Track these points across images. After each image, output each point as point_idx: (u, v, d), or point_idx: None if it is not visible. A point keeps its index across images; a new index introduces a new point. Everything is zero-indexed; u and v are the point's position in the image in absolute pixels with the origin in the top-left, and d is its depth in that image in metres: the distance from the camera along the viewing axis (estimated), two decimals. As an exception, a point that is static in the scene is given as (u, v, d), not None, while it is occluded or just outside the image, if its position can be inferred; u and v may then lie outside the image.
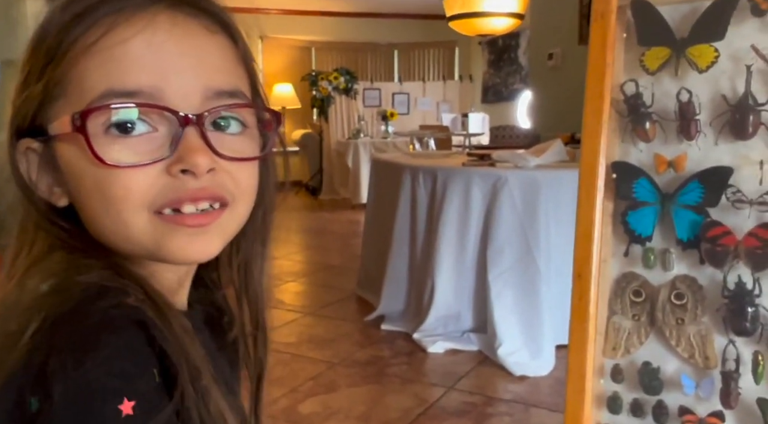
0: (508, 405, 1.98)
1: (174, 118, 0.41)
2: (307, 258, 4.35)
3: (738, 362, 0.73)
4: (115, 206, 0.41)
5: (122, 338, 0.37)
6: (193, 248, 0.43)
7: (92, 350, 0.35)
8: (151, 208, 0.42)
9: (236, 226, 0.47)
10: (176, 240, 0.42)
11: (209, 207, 0.43)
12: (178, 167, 0.41)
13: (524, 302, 2.33)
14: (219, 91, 0.43)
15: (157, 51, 0.41)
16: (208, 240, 0.44)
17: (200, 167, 0.41)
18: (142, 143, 0.41)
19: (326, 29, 7.95)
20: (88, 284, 0.39)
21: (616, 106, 0.81)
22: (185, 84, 0.42)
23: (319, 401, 2.01)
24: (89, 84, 0.41)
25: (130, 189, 0.41)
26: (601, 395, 0.81)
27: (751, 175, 0.74)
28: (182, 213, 0.42)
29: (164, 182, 0.41)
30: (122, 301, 0.38)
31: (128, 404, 0.35)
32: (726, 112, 0.75)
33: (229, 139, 0.44)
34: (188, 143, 0.41)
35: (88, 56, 0.41)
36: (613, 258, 0.81)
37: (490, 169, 2.52)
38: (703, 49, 0.76)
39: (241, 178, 0.45)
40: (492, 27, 4.34)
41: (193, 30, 0.43)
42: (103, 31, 0.41)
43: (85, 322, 0.36)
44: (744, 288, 0.72)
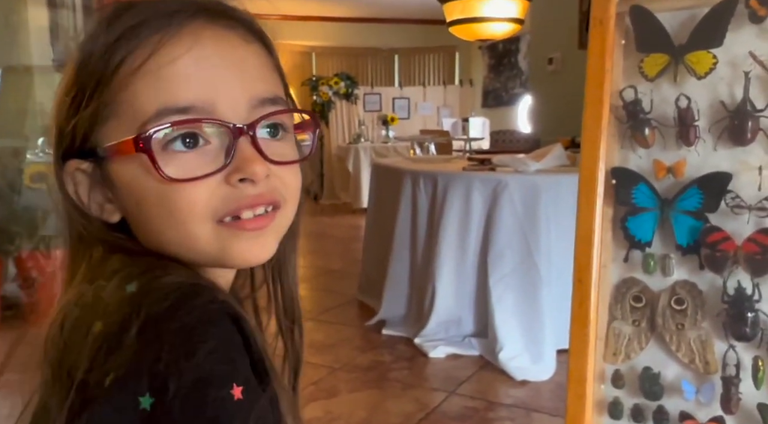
0: (509, 410, 1.97)
1: (227, 129, 0.43)
2: (308, 263, 4.35)
3: (738, 368, 0.73)
4: (180, 219, 0.43)
5: (224, 330, 0.39)
6: (254, 251, 0.45)
7: (200, 342, 0.37)
8: (214, 218, 0.43)
9: (287, 225, 0.49)
10: (238, 245, 0.44)
11: (264, 211, 0.45)
12: (237, 176, 0.43)
13: (525, 306, 2.33)
14: (262, 99, 0.45)
15: (205, 66, 0.43)
16: (266, 242, 0.46)
17: (258, 175, 0.43)
18: (199, 157, 0.43)
19: (326, 34, 7.97)
20: (180, 283, 0.40)
21: (615, 112, 0.82)
22: (233, 95, 0.44)
23: (320, 406, 2.00)
24: (141, 104, 0.42)
25: (194, 202, 0.42)
26: (602, 401, 0.81)
27: (750, 180, 0.74)
28: (241, 219, 0.44)
29: (224, 192, 0.43)
30: (215, 297, 0.40)
31: (238, 389, 0.37)
32: (725, 118, 0.75)
33: (275, 145, 0.46)
34: (243, 153, 0.43)
35: (137, 77, 0.42)
36: (613, 263, 0.82)
37: (491, 173, 2.53)
38: (701, 56, 0.77)
39: (289, 180, 0.47)
40: (492, 32, 4.36)
41: (234, 42, 0.45)
42: (149, 51, 0.42)
43: (188, 317, 0.38)
44: (744, 293, 0.73)
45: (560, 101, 4.73)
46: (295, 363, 0.58)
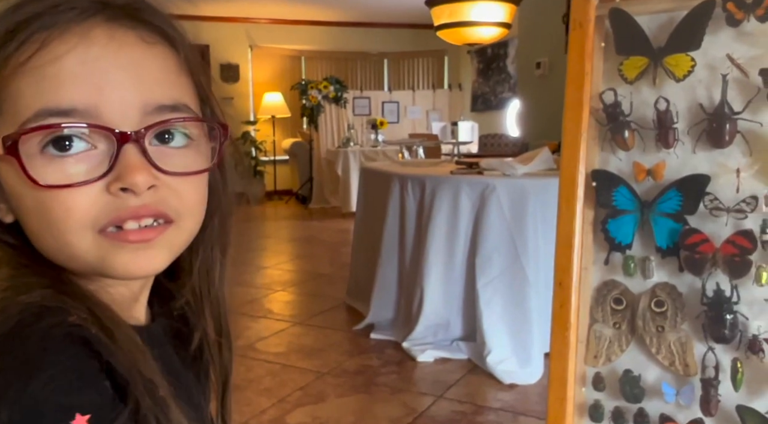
0: (496, 414, 1.97)
1: (110, 135, 0.40)
2: (297, 267, 4.34)
3: (717, 370, 0.73)
4: (57, 227, 0.41)
5: (66, 356, 0.36)
6: (137, 264, 0.42)
7: (36, 369, 0.35)
8: (95, 228, 0.41)
9: (185, 240, 0.46)
10: (120, 257, 0.42)
11: (153, 223, 0.43)
12: (117, 185, 0.40)
13: (513, 310, 2.33)
14: (159, 106, 0.42)
15: (91, 67, 0.40)
16: (153, 255, 0.43)
17: (139, 186, 0.40)
18: (81, 162, 0.40)
19: (316, 38, 7.97)
20: (27, 304, 0.38)
21: (595, 114, 0.82)
22: (122, 100, 0.41)
23: (308, 412, 1.99)
24: (23, 103, 0.40)
25: (71, 209, 0.40)
26: (582, 404, 0.81)
27: (728, 183, 0.74)
28: (124, 229, 0.41)
29: (105, 201, 0.41)
30: (63, 319, 0.37)
31: (81, 418, 0.34)
32: (703, 120, 0.76)
33: (172, 153, 0.43)
34: (127, 161, 0.40)
35: (20, 75, 0.40)
36: (593, 266, 0.82)
37: (479, 177, 2.53)
38: (680, 59, 0.77)
39: (186, 193, 0.44)
40: (479, 36, 4.37)
41: (131, 43, 0.42)
42: (35, 47, 0.40)
43: (26, 342, 0.36)
44: (722, 295, 0.73)
45: (548, 105, 4.75)
46: (223, 377, 0.56)
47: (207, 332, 0.54)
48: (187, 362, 0.54)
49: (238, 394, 2.12)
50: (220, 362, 0.55)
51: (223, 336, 0.55)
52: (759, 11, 0.73)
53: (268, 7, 7.16)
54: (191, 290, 0.53)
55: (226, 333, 0.55)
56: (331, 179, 6.59)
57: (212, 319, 0.54)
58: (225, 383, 0.57)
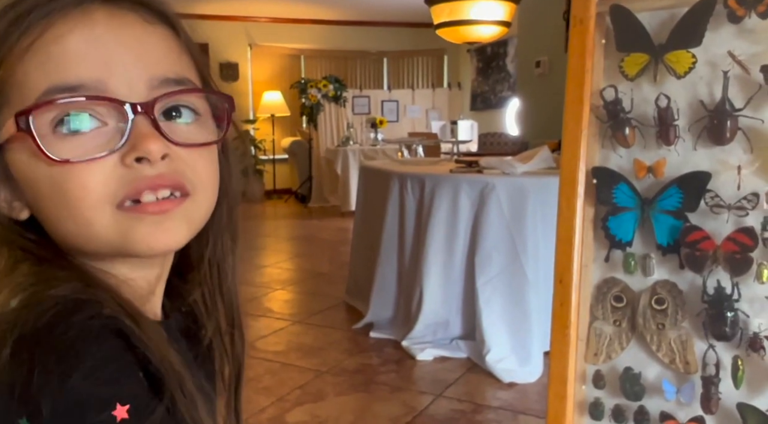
0: (496, 412, 1.97)
1: (122, 108, 0.40)
2: (296, 266, 4.33)
3: (718, 367, 0.73)
4: (75, 206, 0.40)
5: (104, 348, 0.37)
6: (157, 237, 0.42)
7: (76, 362, 0.35)
8: (113, 202, 0.41)
9: (202, 215, 0.46)
10: (140, 230, 0.41)
11: (170, 195, 0.42)
12: (132, 156, 0.40)
13: (512, 308, 2.33)
14: (165, 79, 0.43)
15: (95, 44, 0.40)
16: (173, 227, 0.43)
17: (153, 153, 0.40)
18: (93, 138, 0.40)
19: (315, 37, 7.97)
20: (62, 298, 0.38)
21: (595, 111, 0.82)
22: (129, 74, 0.41)
23: (307, 410, 1.99)
24: (30, 85, 0.40)
25: (87, 185, 0.40)
26: (583, 401, 0.81)
27: (729, 180, 0.74)
28: (141, 202, 0.41)
29: (120, 174, 0.40)
30: (98, 312, 0.38)
31: (122, 409, 0.35)
32: (704, 117, 0.76)
33: (181, 129, 0.43)
34: (139, 131, 0.40)
35: (25, 59, 0.40)
36: (594, 263, 0.81)
37: (478, 176, 2.53)
38: (680, 55, 0.77)
39: (199, 166, 0.44)
40: (479, 35, 4.37)
41: (131, 22, 0.43)
42: (38, 32, 0.40)
43: (64, 336, 0.36)
44: (723, 293, 0.73)
45: (547, 104, 4.75)
46: (236, 368, 0.56)
47: (219, 324, 0.53)
48: (198, 359, 0.54)
49: (237, 392, 2.11)
50: (233, 354, 0.55)
51: (235, 328, 0.55)
52: (760, 8, 0.72)
53: (268, 5, 7.15)
54: (203, 282, 0.53)
55: (238, 325, 0.55)
56: (331, 178, 6.59)
57: (225, 310, 0.54)
58: (238, 375, 0.56)
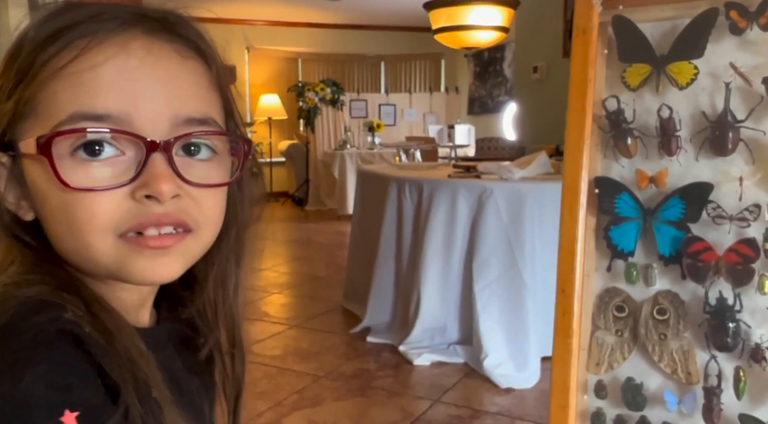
0: (493, 418, 1.97)
1: (141, 143, 0.41)
2: (293, 269, 4.33)
3: (720, 378, 0.73)
4: (79, 229, 0.41)
5: (59, 352, 0.36)
6: (155, 270, 0.43)
7: (29, 365, 0.35)
8: (116, 232, 0.42)
9: (201, 250, 0.47)
10: (139, 262, 0.42)
11: (172, 231, 0.43)
12: (143, 192, 0.41)
13: (510, 314, 2.33)
14: (189, 119, 0.43)
15: (128, 77, 0.41)
16: (170, 262, 0.44)
17: (164, 194, 0.41)
18: (109, 167, 0.41)
19: (313, 41, 7.97)
20: (25, 298, 0.38)
21: (598, 121, 0.82)
22: (155, 110, 0.42)
23: (304, 415, 1.98)
24: (58, 106, 0.41)
25: (95, 213, 0.41)
26: (584, 411, 0.81)
27: (731, 191, 0.74)
28: (144, 235, 0.42)
29: (129, 206, 0.42)
30: (59, 315, 0.38)
31: (71, 415, 0.34)
32: (706, 128, 0.76)
33: (197, 165, 0.44)
34: (154, 169, 0.41)
35: (58, 79, 0.41)
36: (596, 273, 0.82)
37: (476, 181, 2.53)
38: (682, 66, 0.77)
39: (207, 204, 0.45)
40: (477, 40, 4.38)
41: (167, 55, 0.43)
42: (74, 54, 0.41)
43: (19, 337, 0.36)
44: (725, 304, 0.73)
45: (545, 109, 4.77)
46: (236, 389, 0.56)
47: (220, 343, 0.54)
48: (193, 367, 0.53)
49: (234, 397, 2.10)
50: (233, 375, 0.55)
51: (236, 348, 0.55)
52: (762, 20, 0.73)
53: (265, 8, 7.15)
54: (206, 301, 0.53)
55: (239, 345, 0.55)
56: (328, 181, 6.59)
57: (225, 330, 0.54)
58: (237, 396, 0.56)
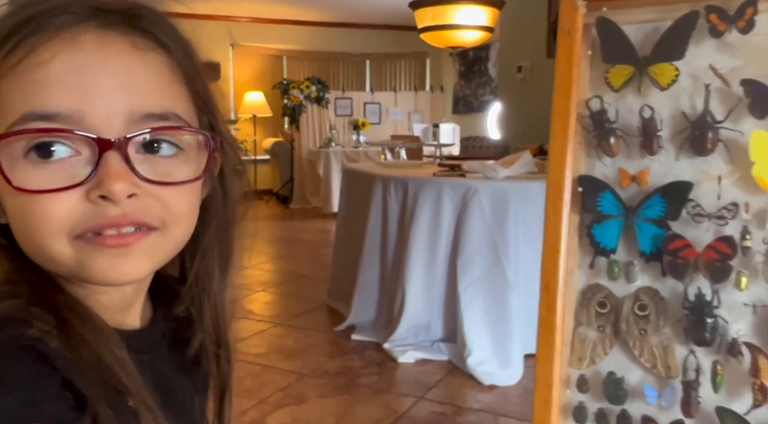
0: (477, 415, 1.99)
1: (91, 141, 0.40)
2: (278, 268, 4.32)
3: (698, 372, 0.75)
4: (35, 232, 0.40)
5: (23, 368, 0.36)
6: (116, 270, 0.42)
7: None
8: (71, 234, 0.41)
9: (170, 248, 0.45)
10: (98, 262, 0.41)
11: (134, 230, 0.42)
12: (96, 193, 0.40)
13: (493, 311, 2.35)
14: (147, 114, 0.42)
15: (78, 73, 0.40)
16: (132, 261, 0.42)
17: (116, 194, 0.40)
18: (64, 168, 0.40)
19: (298, 38, 7.95)
20: None
21: (581, 121, 0.83)
22: (108, 106, 0.40)
23: (288, 413, 1.98)
24: (9, 107, 0.40)
25: (49, 215, 0.40)
26: (567, 405, 0.82)
27: (710, 190, 0.76)
28: (103, 235, 0.41)
29: (84, 208, 0.40)
30: (22, 332, 0.37)
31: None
32: (686, 128, 0.78)
33: (159, 162, 0.43)
34: (107, 168, 0.40)
35: (8, 79, 0.40)
36: (579, 270, 0.83)
37: (461, 179, 2.55)
38: (664, 68, 0.79)
39: (172, 202, 0.43)
40: (462, 39, 4.41)
41: (121, 49, 0.42)
42: (24, 52, 0.40)
43: None
44: (703, 300, 0.75)
45: (529, 109, 4.81)
46: (220, 390, 0.55)
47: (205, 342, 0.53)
48: (185, 366, 0.53)
49: (218, 395, 2.10)
50: (219, 375, 0.54)
51: (221, 348, 0.54)
52: (741, 23, 0.74)
53: (250, 5, 7.11)
54: (194, 298, 0.52)
55: (225, 345, 0.54)
56: (313, 180, 6.57)
57: (212, 329, 0.53)
58: (222, 396, 0.56)
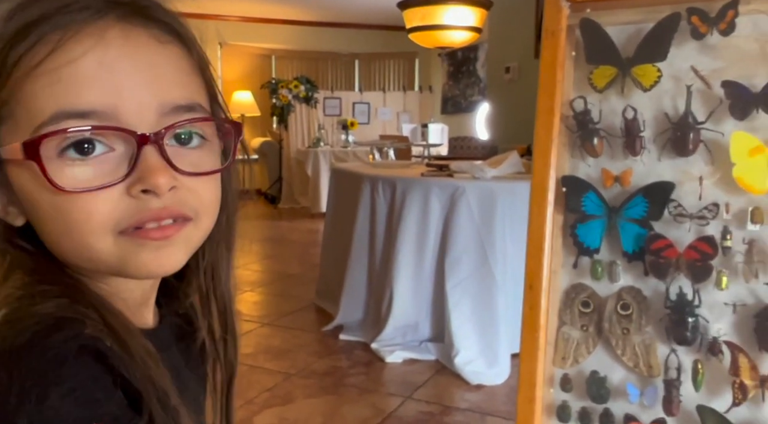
0: (464, 414, 1.99)
1: (131, 137, 0.40)
2: (266, 267, 4.30)
3: (679, 371, 0.76)
4: (77, 231, 0.40)
5: (83, 369, 0.36)
6: (159, 262, 0.42)
7: (54, 383, 0.35)
8: (115, 230, 0.41)
9: (201, 237, 0.46)
10: (142, 256, 0.42)
11: (172, 221, 0.43)
12: (139, 188, 0.40)
13: (481, 311, 2.36)
14: (176, 106, 0.42)
15: (109, 69, 0.40)
16: (173, 252, 0.43)
17: (162, 188, 0.40)
18: (100, 164, 0.40)
19: (287, 37, 7.92)
20: (44, 316, 0.38)
21: (566, 121, 0.84)
22: (140, 101, 0.40)
23: (275, 413, 1.98)
24: (38, 106, 0.39)
25: (92, 213, 0.40)
26: (551, 404, 0.83)
27: (692, 190, 0.77)
28: (144, 228, 0.41)
29: (126, 204, 0.40)
30: (79, 332, 0.37)
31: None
32: (668, 129, 0.78)
33: (189, 153, 0.43)
34: (147, 163, 0.40)
35: (34, 77, 0.39)
36: (562, 269, 0.84)
37: (449, 179, 2.55)
38: (646, 69, 0.79)
39: (204, 192, 0.44)
40: (451, 40, 4.42)
41: (145, 42, 0.42)
42: (49, 49, 0.39)
43: (43, 356, 0.36)
44: (685, 299, 0.75)
45: (517, 109, 4.83)
46: (229, 373, 0.56)
47: (213, 329, 0.53)
48: (190, 362, 0.54)
49: (204, 396, 2.09)
50: (226, 359, 0.55)
51: (228, 333, 0.54)
52: (722, 25, 0.75)
53: (239, 4, 7.08)
54: (198, 288, 0.53)
55: (231, 330, 0.55)
56: (301, 179, 6.56)
57: (219, 315, 0.54)
58: (230, 379, 0.57)
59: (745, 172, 0.73)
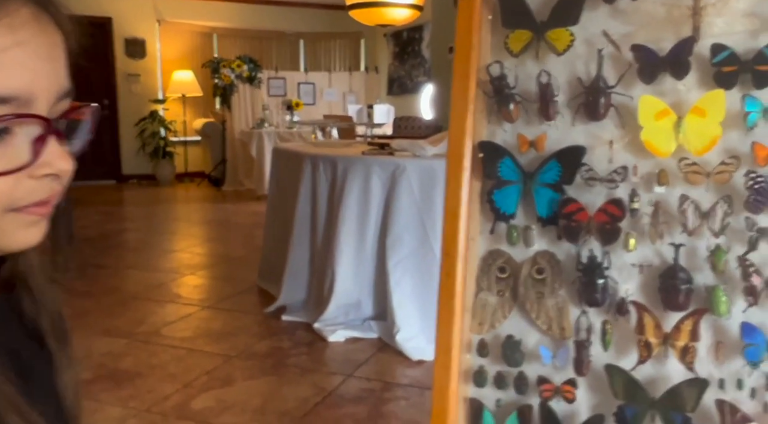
0: (404, 389, 2.00)
1: (37, 123, 0.40)
2: (209, 250, 4.21)
3: (589, 332, 0.77)
4: None
5: None
6: (33, 236, 0.44)
7: None
8: (9, 208, 0.41)
9: None
10: (21, 230, 0.43)
11: None
12: (44, 171, 0.41)
13: (422, 288, 2.37)
14: (66, 91, 0.43)
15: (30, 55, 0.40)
16: (43, 227, 0.44)
17: (67, 172, 0.42)
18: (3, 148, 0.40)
19: (229, 15, 7.70)
20: None
21: (482, 87, 0.83)
22: (48, 87, 0.41)
23: (214, 396, 1.94)
24: None
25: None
26: (468, 370, 0.83)
27: (602, 154, 0.77)
28: (28, 206, 0.42)
29: (27, 186, 0.41)
30: None
31: None
32: (581, 94, 0.78)
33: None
34: (54, 149, 0.41)
35: None
36: (480, 236, 0.83)
37: (389, 158, 2.54)
38: (560, 33, 0.79)
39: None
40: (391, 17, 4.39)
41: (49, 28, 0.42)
42: None
43: None
44: (595, 261, 0.76)
45: (461, 89, 4.84)
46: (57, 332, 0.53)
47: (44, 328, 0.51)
48: (33, 332, 0.50)
49: (139, 382, 2.03)
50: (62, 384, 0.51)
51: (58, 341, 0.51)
52: (632, -11, 0.75)
53: (177, -20, 6.83)
54: None
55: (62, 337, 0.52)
56: (245, 161, 6.43)
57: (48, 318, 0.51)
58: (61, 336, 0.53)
59: (652, 135, 0.74)
